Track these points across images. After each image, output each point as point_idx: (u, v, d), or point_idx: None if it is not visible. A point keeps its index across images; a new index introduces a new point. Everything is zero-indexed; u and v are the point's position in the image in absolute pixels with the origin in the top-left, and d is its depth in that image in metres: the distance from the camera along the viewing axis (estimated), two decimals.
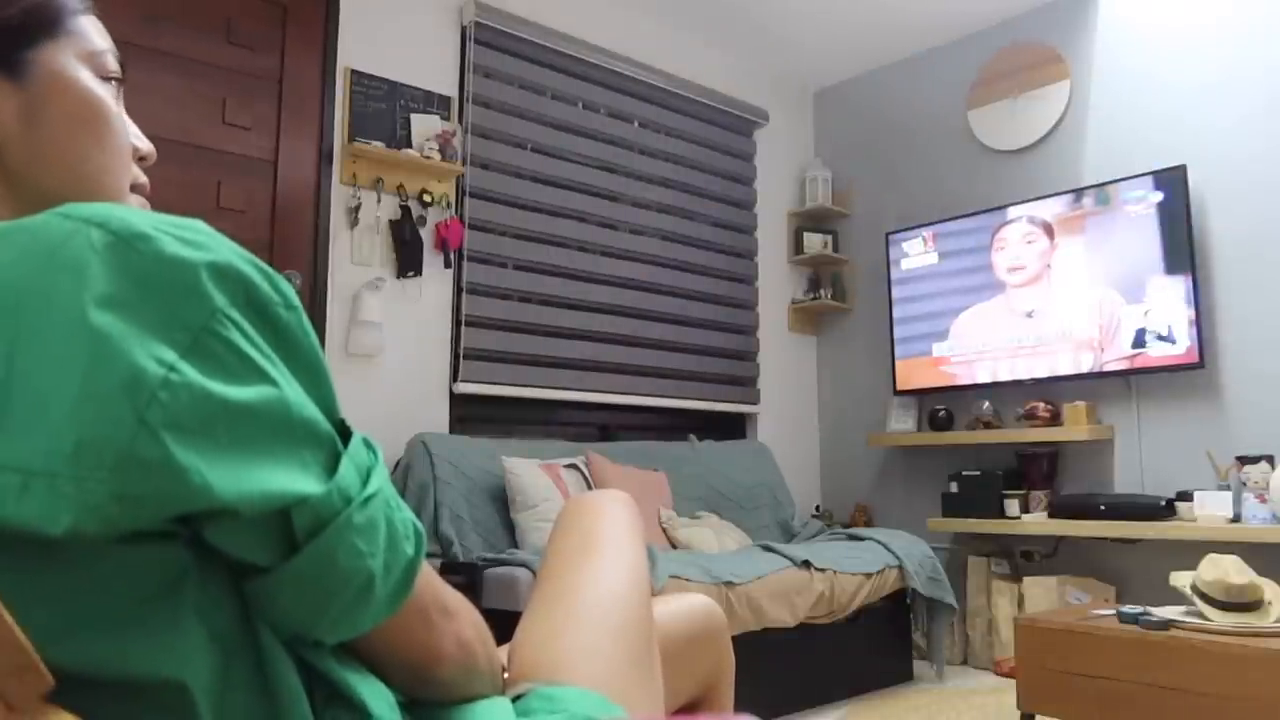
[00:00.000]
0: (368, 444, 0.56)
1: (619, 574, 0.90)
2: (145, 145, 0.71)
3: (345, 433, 0.55)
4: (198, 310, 0.47)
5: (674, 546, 3.10)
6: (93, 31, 0.66)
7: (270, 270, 0.52)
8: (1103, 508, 3.31)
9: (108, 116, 0.65)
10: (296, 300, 0.53)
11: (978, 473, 3.71)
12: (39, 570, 0.45)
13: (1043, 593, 3.43)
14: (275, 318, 0.51)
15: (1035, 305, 3.66)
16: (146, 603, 0.46)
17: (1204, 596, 2.31)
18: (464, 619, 0.64)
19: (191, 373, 0.45)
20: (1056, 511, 3.47)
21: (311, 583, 0.50)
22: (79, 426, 0.43)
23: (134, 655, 0.46)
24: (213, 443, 0.45)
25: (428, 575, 0.60)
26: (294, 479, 0.48)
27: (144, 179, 0.70)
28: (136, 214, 0.49)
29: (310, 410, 0.51)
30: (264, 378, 0.48)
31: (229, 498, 0.45)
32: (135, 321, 0.45)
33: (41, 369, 0.44)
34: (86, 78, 0.65)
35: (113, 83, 0.67)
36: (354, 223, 3.07)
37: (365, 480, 0.53)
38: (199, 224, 0.51)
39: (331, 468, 0.51)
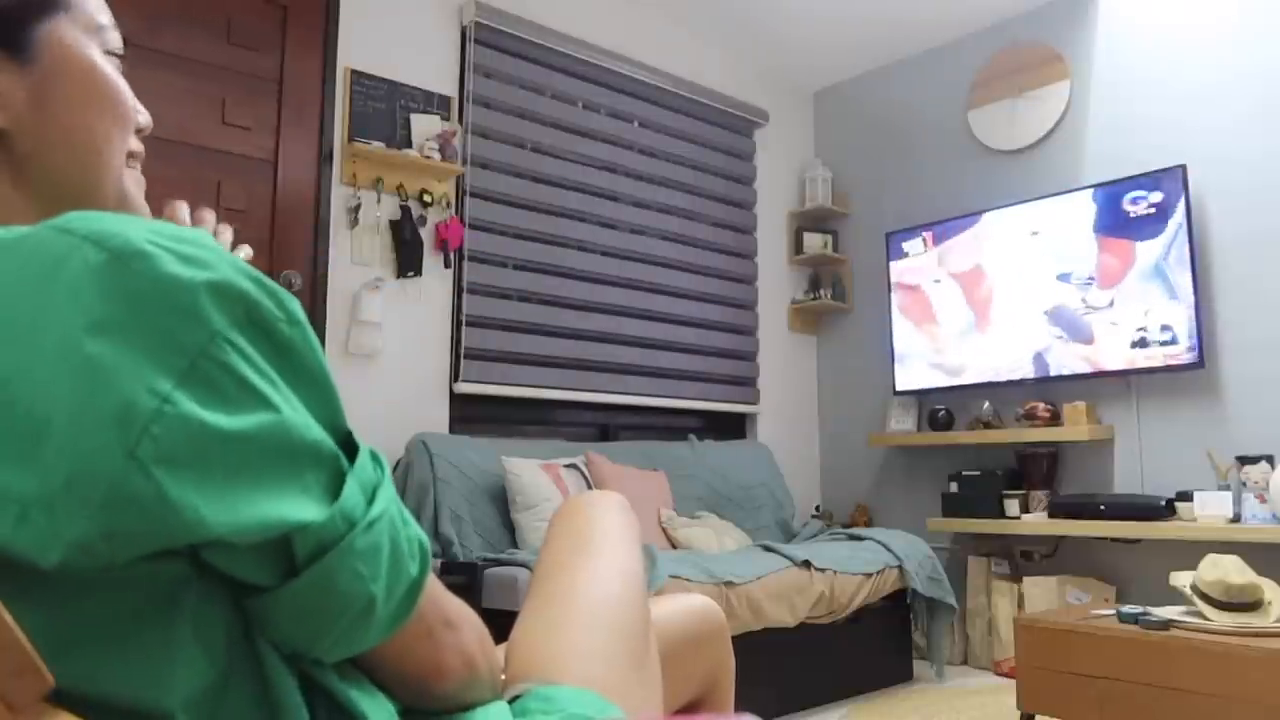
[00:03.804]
0: (375, 458, 0.55)
1: (614, 574, 0.90)
2: (145, 118, 0.72)
3: (352, 446, 0.54)
4: (195, 333, 0.46)
5: (674, 546, 3.11)
6: (93, 6, 0.66)
7: (274, 286, 0.51)
8: (1103, 508, 3.31)
9: (115, 89, 0.66)
10: (301, 315, 0.52)
11: (978, 473, 3.71)
12: (32, 585, 0.44)
13: (1043, 593, 3.42)
14: (278, 335, 0.50)
15: (1035, 305, 3.66)
16: (142, 618, 0.46)
17: (1204, 596, 2.31)
18: (467, 631, 0.63)
19: (187, 403, 0.44)
20: (1056, 511, 3.47)
21: (311, 605, 0.49)
22: (70, 460, 0.42)
23: (128, 673, 0.45)
24: (208, 474, 0.45)
25: (432, 588, 0.59)
26: (294, 506, 0.48)
27: (139, 147, 0.70)
28: (135, 226, 0.48)
29: (313, 432, 0.50)
30: (264, 403, 0.48)
31: (224, 530, 0.45)
32: (130, 347, 0.44)
33: (37, 396, 0.44)
34: (93, 51, 0.65)
35: (115, 59, 0.67)
36: (354, 223, 3.07)
37: (371, 500, 0.52)
38: (201, 236, 0.50)
39: (335, 489, 0.50)
